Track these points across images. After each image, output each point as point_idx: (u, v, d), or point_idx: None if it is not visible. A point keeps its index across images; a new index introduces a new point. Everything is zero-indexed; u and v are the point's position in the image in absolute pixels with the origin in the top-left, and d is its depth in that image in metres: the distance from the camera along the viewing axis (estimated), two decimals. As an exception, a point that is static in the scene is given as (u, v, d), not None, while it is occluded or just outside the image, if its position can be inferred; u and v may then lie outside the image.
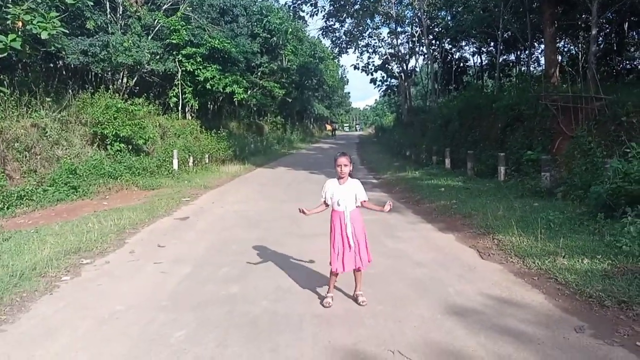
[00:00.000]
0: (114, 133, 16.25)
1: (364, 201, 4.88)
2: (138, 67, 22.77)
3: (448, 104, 24.93)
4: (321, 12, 36.73)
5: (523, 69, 33.02)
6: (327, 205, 4.94)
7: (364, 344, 3.89)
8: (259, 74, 35.00)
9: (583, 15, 18.30)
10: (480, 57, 35.90)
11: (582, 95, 12.48)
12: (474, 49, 35.79)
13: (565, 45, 26.20)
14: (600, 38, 22.40)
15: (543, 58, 28.38)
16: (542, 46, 27.58)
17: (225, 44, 25.85)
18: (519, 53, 31.82)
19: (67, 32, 15.92)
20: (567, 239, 6.50)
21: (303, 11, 33.17)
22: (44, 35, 13.95)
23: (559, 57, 23.30)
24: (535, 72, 26.77)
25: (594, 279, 5.07)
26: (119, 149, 16.36)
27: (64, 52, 18.59)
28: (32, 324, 4.45)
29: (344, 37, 39.84)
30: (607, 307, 4.50)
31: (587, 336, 3.98)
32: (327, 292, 4.91)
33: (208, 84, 25.87)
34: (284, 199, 12.33)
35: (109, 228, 8.28)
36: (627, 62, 22.07)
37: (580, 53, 22.90)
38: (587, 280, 5.06)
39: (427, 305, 4.73)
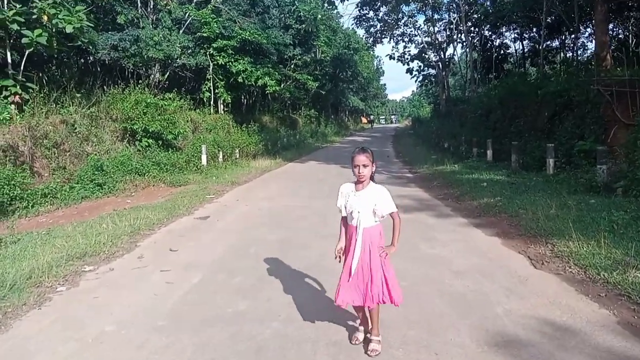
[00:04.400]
0: (143, 128, 15.91)
1: (394, 215, 3.76)
2: (169, 61, 22.53)
3: (488, 93, 23.61)
4: (354, -3, 35.50)
5: (569, 54, 31.36)
6: (345, 219, 3.90)
7: (391, 386, 3.12)
8: (292, 66, 34.35)
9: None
10: (522, 44, 34.20)
11: (641, 79, 11.25)
12: (515, 35, 34.15)
13: (614, 29, 24.40)
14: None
15: (591, 42, 26.83)
16: (589, 30, 26.05)
17: (257, 36, 25.30)
18: (563, 38, 30.12)
19: (92, 25, 15.66)
20: (637, 245, 5.53)
21: (334, -4, 32.07)
22: (69, 29, 13.67)
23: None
24: (582, 58, 25.07)
25: (679, 298, 4.14)
26: (147, 144, 16.03)
27: (92, 48, 18.40)
28: (6, 347, 3.86)
29: (378, 25, 38.69)
30: (700, 337, 3.58)
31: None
32: (358, 323, 3.96)
33: (240, 77, 25.39)
34: (313, 195, 11.61)
35: (123, 229, 7.73)
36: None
37: (630, 35, 21.21)
38: (669, 300, 4.14)
39: (470, 330, 3.90)
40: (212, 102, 26.01)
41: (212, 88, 25.50)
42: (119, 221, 8.27)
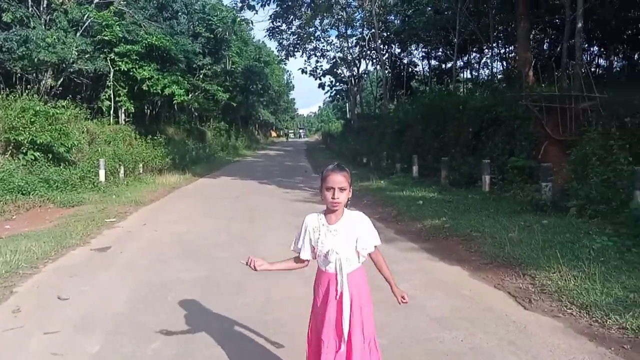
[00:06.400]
0: (29, 140, 13.68)
1: (375, 248, 2.80)
2: (64, 65, 20.19)
3: (405, 108, 23.43)
4: (273, 1, 34.28)
5: (474, 73, 32.48)
6: (302, 260, 2.82)
7: None
8: (201, 76, 32.54)
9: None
10: (429, 62, 35.14)
11: (572, 95, 11.14)
12: (423, 53, 35.01)
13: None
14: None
15: (494, 62, 27.73)
16: (495, 50, 26.95)
17: (164, 41, 23.44)
18: (469, 57, 31.17)
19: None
20: (632, 277, 4.83)
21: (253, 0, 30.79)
22: None
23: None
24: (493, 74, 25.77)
25: None
26: (34, 157, 13.79)
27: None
28: None
29: (291, 38, 38.07)
30: None
31: None
32: None
33: (145, 84, 23.36)
34: (233, 216, 10.25)
35: (-6, 268, 5.94)
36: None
37: (550, 50, 22.00)
38: None
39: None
40: (112, 112, 23.70)
41: (112, 96, 23.21)
42: (-11, 257, 6.43)
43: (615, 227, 6.59)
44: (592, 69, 19.55)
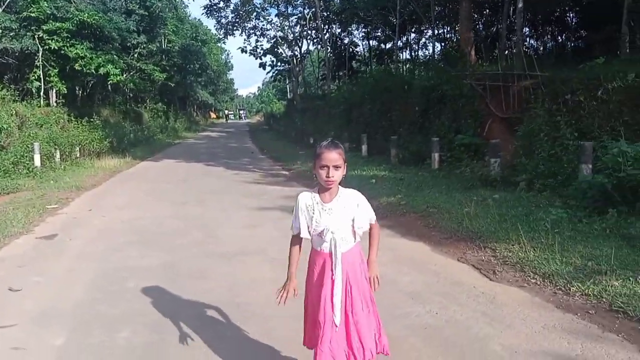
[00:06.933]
0: (-48, 125, 12.71)
1: (373, 225, 2.79)
2: (-14, 45, 18.89)
3: (349, 88, 23.48)
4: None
5: (413, 54, 32.98)
6: (299, 241, 2.73)
7: None
8: (135, 55, 31.21)
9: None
10: (369, 43, 35.29)
11: (514, 73, 11.50)
12: (363, 34, 35.08)
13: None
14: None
15: (431, 44, 28.26)
16: (432, 31, 27.42)
17: (96, 18, 22.24)
18: (407, 38, 31.58)
19: None
20: (587, 247, 5.07)
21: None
22: None
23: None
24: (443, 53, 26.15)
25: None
26: (-42, 143, 12.84)
27: None
28: None
29: (230, 16, 37.14)
30: None
31: None
32: None
33: (78, 64, 22.14)
34: (184, 200, 9.95)
35: None
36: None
37: (485, 31, 22.58)
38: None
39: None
40: (42, 93, 22.34)
41: (42, 76, 21.86)
42: None
43: (564, 199, 6.94)
44: (525, 49, 20.32)
